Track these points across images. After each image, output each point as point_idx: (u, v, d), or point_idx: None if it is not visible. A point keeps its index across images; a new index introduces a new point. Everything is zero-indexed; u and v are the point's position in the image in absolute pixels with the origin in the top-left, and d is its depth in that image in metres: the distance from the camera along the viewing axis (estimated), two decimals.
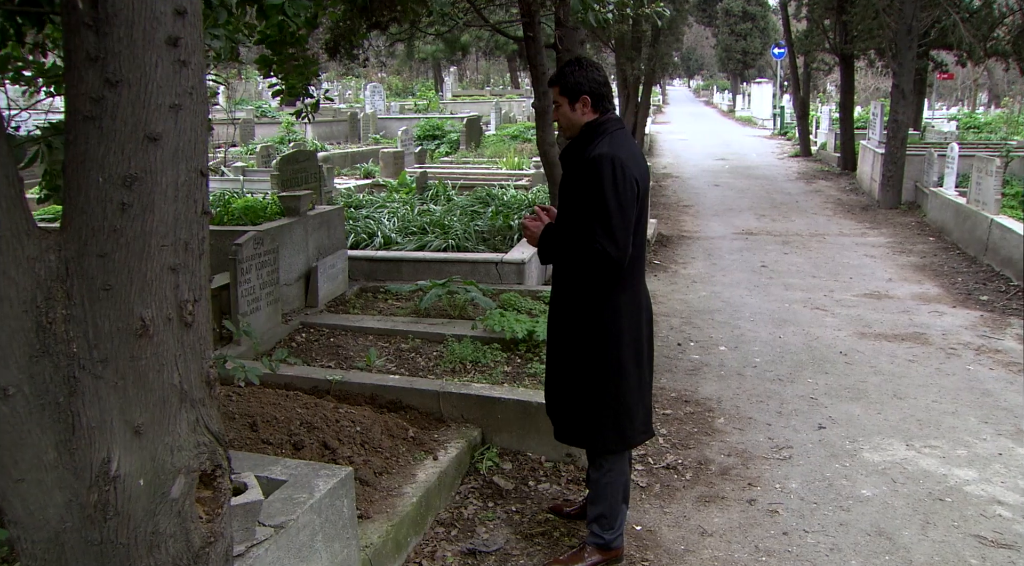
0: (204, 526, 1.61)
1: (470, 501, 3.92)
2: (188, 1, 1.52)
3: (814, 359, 5.95)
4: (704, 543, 3.59)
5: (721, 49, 55.61)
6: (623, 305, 3.17)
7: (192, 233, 1.58)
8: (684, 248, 10.17)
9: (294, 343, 5.29)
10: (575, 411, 3.26)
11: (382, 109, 22.96)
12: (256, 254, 5.04)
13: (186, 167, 1.56)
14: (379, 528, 3.24)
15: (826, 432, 4.70)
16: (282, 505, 2.66)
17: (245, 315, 4.98)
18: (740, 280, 8.41)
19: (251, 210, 6.10)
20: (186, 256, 1.58)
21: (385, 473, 3.68)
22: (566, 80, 3.18)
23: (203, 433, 1.62)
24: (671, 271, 8.89)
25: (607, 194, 2.97)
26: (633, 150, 3.13)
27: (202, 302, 1.63)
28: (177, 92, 1.52)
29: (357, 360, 4.99)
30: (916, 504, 3.90)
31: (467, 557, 3.47)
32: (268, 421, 3.74)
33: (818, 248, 10.10)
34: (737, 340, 6.40)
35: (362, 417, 3.96)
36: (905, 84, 12.89)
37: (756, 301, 7.57)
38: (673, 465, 4.31)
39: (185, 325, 1.59)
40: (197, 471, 1.59)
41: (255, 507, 2.33)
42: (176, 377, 1.58)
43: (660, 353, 6.09)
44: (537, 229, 3.25)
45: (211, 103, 22.36)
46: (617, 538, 3.38)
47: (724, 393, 5.31)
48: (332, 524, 2.80)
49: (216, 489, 1.64)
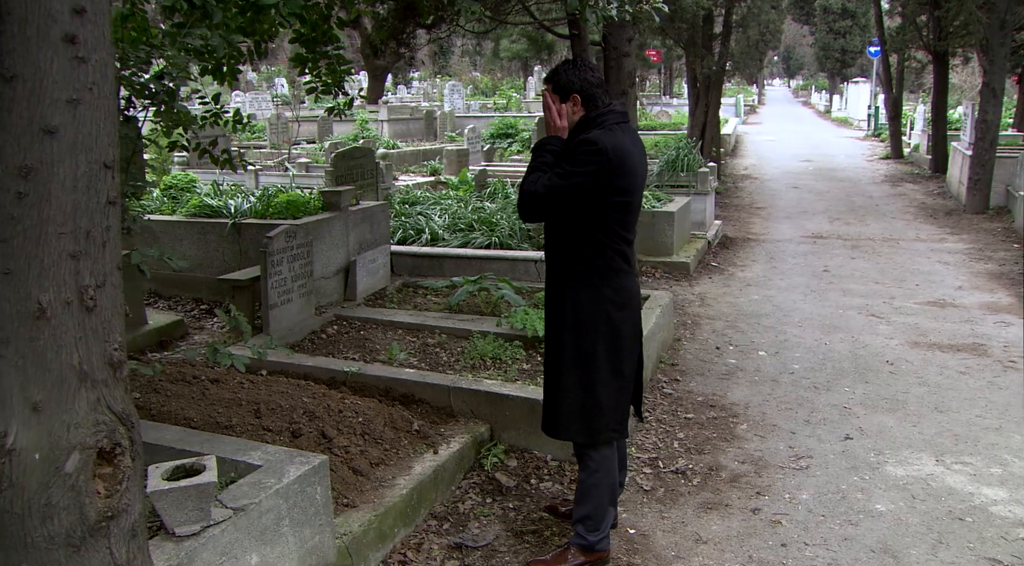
0: (101, 501, 1.69)
1: (469, 496, 3.95)
2: (89, 1, 1.60)
3: (857, 368, 5.72)
4: (696, 550, 3.51)
5: (819, 47, 53.91)
6: (604, 299, 3.15)
7: (94, 222, 1.66)
8: (747, 251, 9.93)
9: (324, 335, 5.42)
10: (550, 400, 3.27)
11: (461, 107, 23.19)
12: (288, 247, 5.19)
13: (86, 159, 1.63)
14: (362, 517, 3.30)
15: (852, 443, 4.52)
16: (249, 489, 2.74)
17: (275, 306, 5.13)
18: (797, 284, 8.15)
19: (293, 204, 6.27)
20: (87, 244, 1.65)
21: (382, 464, 3.75)
22: (559, 79, 3.18)
23: (104, 412, 1.70)
24: (727, 274, 8.70)
25: (572, 164, 2.99)
26: (625, 142, 3.09)
27: (107, 287, 1.70)
28: (75, 87, 1.60)
29: (381, 353, 5.07)
30: (932, 522, 3.71)
31: (453, 551, 3.49)
32: (273, 409, 3.85)
33: (889, 253, 9.69)
34: (779, 345, 6.22)
35: (367, 409, 4.04)
36: (996, 82, 12.22)
37: (809, 306, 7.32)
38: (682, 470, 4.23)
39: (86, 309, 1.66)
40: (94, 448, 1.67)
41: (207, 489, 2.42)
42: (76, 358, 1.66)
43: (696, 356, 5.98)
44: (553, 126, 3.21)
45: (299, 100, 23.03)
46: (603, 540, 3.34)
47: (753, 399, 5.17)
48: (302, 510, 2.87)
49: (116, 466, 1.71)
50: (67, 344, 1.65)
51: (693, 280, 8.33)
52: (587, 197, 3.02)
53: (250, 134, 17.01)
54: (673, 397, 5.18)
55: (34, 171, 1.57)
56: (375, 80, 24.67)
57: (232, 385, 4.09)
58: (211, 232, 6.37)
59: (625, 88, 6.79)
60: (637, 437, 4.59)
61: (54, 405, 1.64)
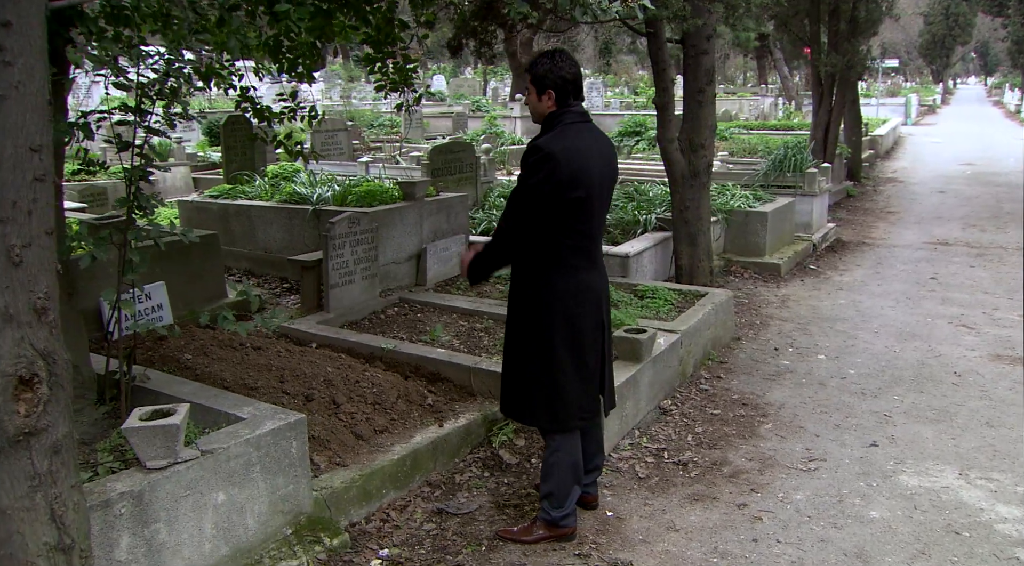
0: (20, 419, 2.08)
1: (471, 469, 4.20)
2: (15, 15, 1.99)
3: (917, 377, 5.48)
4: (664, 537, 3.59)
5: (1011, 42, 49.44)
6: (561, 291, 3.30)
7: (20, 195, 2.05)
8: (855, 255, 9.54)
9: (383, 315, 5.82)
10: (511, 386, 3.46)
11: (600, 105, 23.32)
12: (351, 232, 5.63)
13: (12, 144, 2.02)
14: (347, 476, 3.63)
15: (875, 450, 4.40)
16: (224, 436, 3.13)
17: (335, 286, 5.59)
18: (894, 291, 7.79)
19: (370, 194, 6.73)
20: (14, 212, 2.05)
21: (385, 432, 4.07)
22: (535, 71, 3.33)
23: (26, 348, 2.09)
24: (823, 277, 8.42)
25: (522, 180, 3.17)
26: (578, 145, 3.22)
27: (33, 248, 2.09)
28: (2, 87, 1.99)
29: (427, 334, 5.41)
30: (923, 533, 3.60)
31: (434, 515, 3.76)
32: (296, 375, 4.27)
33: (1015, 263, 9.01)
34: (843, 350, 6.04)
35: (384, 381, 4.38)
36: None
37: (895, 313, 7.01)
38: (685, 462, 4.29)
39: (13, 264, 2.06)
40: (14, 376, 2.07)
41: (172, 430, 2.81)
42: (3, 303, 2.06)
43: (749, 356, 5.93)
44: (467, 259, 3.50)
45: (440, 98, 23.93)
46: (567, 517, 3.50)
47: (791, 400, 5.10)
48: (275, 461, 3.23)
49: (35, 392, 2.11)
50: None
51: (782, 282, 8.14)
52: (543, 200, 3.18)
53: (387, 130, 17.98)
54: (708, 393, 5.20)
55: None
56: (518, 78, 25.23)
57: (270, 353, 4.55)
58: (296, 217, 6.97)
59: (702, 86, 6.78)
60: (653, 428, 4.68)
61: None
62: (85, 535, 2.32)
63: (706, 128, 6.86)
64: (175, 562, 2.88)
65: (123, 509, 2.71)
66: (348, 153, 12.92)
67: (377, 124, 18.80)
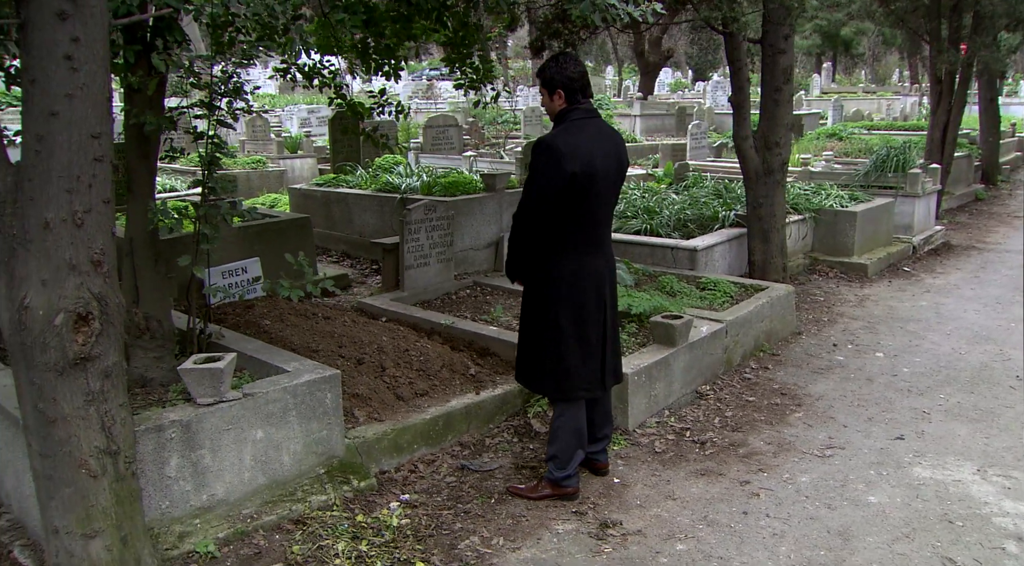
0: (78, 346, 2.67)
1: (501, 434, 4.60)
2: (83, 32, 2.57)
3: (974, 378, 5.43)
4: (661, 504, 3.88)
5: None
6: (566, 274, 3.66)
7: (83, 171, 2.63)
8: (959, 259, 9.23)
9: (455, 296, 6.31)
10: (523, 357, 3.85)
11: (726, 104, 22.90)
12: (426, 219, 6.15)
13: (78, 132, 2.60)
14: (380, 429, 4.12)
15: (899, 443, 4.48)
16: (267, 384, 3.68)
17: (411, 268, 6.12)
18: (985, 295, 7.56)
19: (455, 185, 7.24)
20: (77, 184, 2.63)
21: (425, 395, 4.54)
22: (544, 74, 3.71)
23: (84, 292, 2.67)
24: (914, 279, 8.25)
25: (530, 173, 3.53)
26: (583, 138, 3.56)
27: (92, 213, 2.67)
28: (70, 87, 2.58)
29: (488, 314, 5.85)
30: (915, 519, 3.71)
31: (457, 471, 4.19)
32: (354, 342, 4.81)
33: None
34: (905, 350, 6.02)
35: (432, 352, 4.85)
36: None
37: (976, 317, 6.85)
38: (703, 441, 4.52)
39: (76, 225, 2.65)
40: (74, 312, 2.65)
41: (216, 372, 3.38)
42: (68, 255, 2.65)
43: (805, 350, 6.02)
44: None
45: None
46: (569, 478, 3.85)
47: (831, 393, 5.20)
48: (310, 408, 3.75)
49: (89, 326, 2.69)
50: (63, 246, 2.64)
51: (868, 282, 8.05)
52: (547, 190, 3.53)
53: (510, 126, 18.60)
54: (749, 382, 5.37)
55: (44, 138, 2.57)
56: (645, 76, 25.30)
57: (338, 322, 5.12)
58: (386, 205, 7.59)
59: (779, 85, 6.87)
60: (684, 410, 4.92)
61: (52, 283, 2.64)
62: (131, 445, 2.91)
63: (782, 126, 6.94)
64: (217, 484, 3.45)
65: (173, 434, 3.29)
66: (458, 148, 13.57)
67: (501, 121, 19.46)
